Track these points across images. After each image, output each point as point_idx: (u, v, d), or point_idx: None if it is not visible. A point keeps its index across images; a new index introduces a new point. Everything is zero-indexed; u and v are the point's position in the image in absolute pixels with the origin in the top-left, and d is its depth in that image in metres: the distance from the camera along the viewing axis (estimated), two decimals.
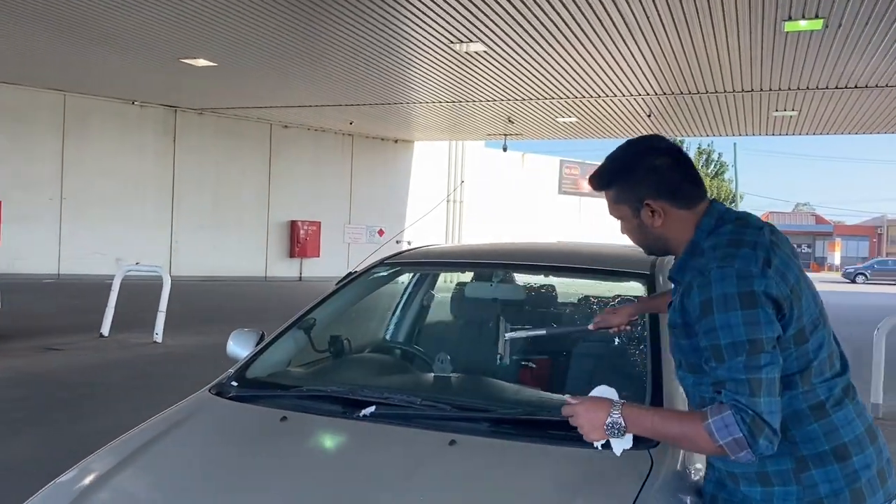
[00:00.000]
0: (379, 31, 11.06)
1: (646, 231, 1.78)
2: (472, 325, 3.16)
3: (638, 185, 1.75)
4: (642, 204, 1.75)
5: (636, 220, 1.78)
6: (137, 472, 1.96)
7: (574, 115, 17.32)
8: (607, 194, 1.83)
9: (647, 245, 1.85)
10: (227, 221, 19.83)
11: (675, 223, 1.74)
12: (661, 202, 1.73)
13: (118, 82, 16.05)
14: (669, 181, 1.74)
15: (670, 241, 1.77)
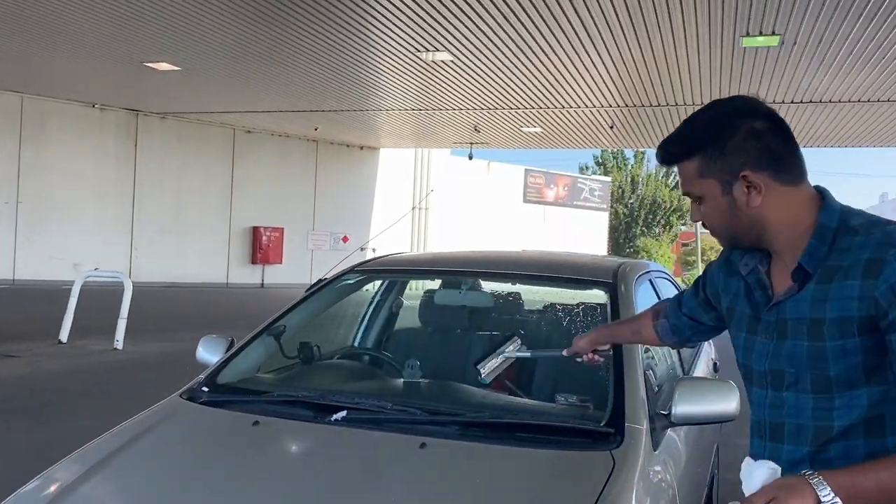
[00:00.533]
0: (345, 38, 11.08)
1: (737, 213, 1.42)
2: (440, 331, 3.22)
3: (734, 152, 1.39)
4: (737, 177, 1.39)
5: (727, 198, 1.41)
6: (107, 479, 1.97)
7: (539, 126, 17.52)
8: (685, 167, 1.47)
9: (734, 233, 1.46)
10: (188, 227, 19.59)
11: (778, 202, 1.39)
12: (762, 174, 1.38)
13: (78, 85, 15.77)
14: (773, 149, 1.40)
15: (769, 227, 1.41)
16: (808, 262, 1.37)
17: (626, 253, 35.94)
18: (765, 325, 1.45)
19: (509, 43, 10.91)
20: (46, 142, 17.27)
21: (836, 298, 1.33)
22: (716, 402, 2.23)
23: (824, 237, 1.37)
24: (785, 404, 1.41)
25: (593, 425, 2.11)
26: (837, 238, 1.36)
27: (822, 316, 1.34)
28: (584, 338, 2.11)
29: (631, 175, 37.61)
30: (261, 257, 20.71)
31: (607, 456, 1.94)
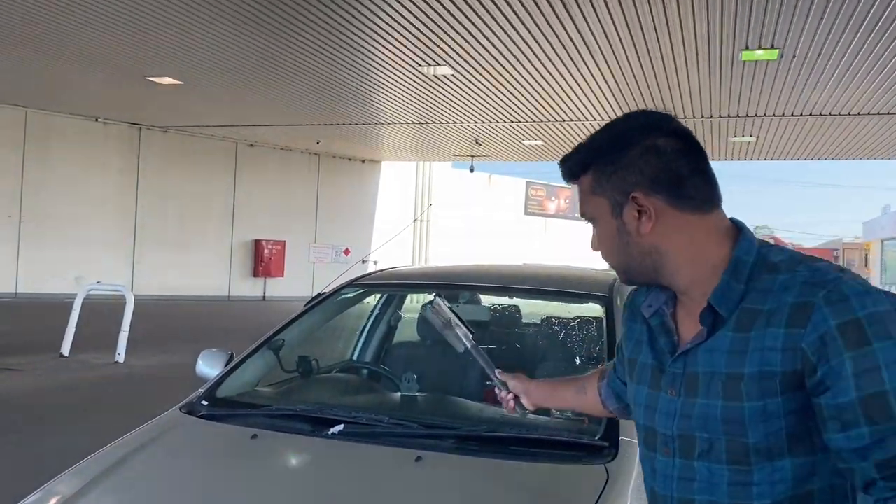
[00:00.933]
0: (346, 53, 11.16)
1: (627, 240, 1.22)
2: (438, 345, 3.23)
3: (627, 168, 1.20)
4: (627, 197, 1.20)
5: (616, 220, 1.22)
6: (106, 493, 1.99)
7: (540, 139, 17.60)
8: (581, 183, 1.28)
9: (626, 263, 1.26)
10: (190, 240, 19.64)
11: (677, 231, 1.19)
12: (655, 197, 1.19)
13: (81, 99, 15.87)
14: (676, 170, 1.19)
15: (666, 259, 1.20)
16: (720, 302, 1.15)
17: None
18: (670, 378, 1.22)
19: (510, 57, 10.99)
20: (50, 156, 17.35)
21: (757, 350, 1.12)
22: None
23: (739, 273, 1.16)
24: (697, 477, 1.19)
25: (588, 438, 2.12)
26: (755, 275, 1.15)
27: (740, 370, 1.13)
28: (525, 382, 1.68)
29: None
30: (262, 270, 20.75)
31: (601, 469, 1.95)
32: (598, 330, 2.66)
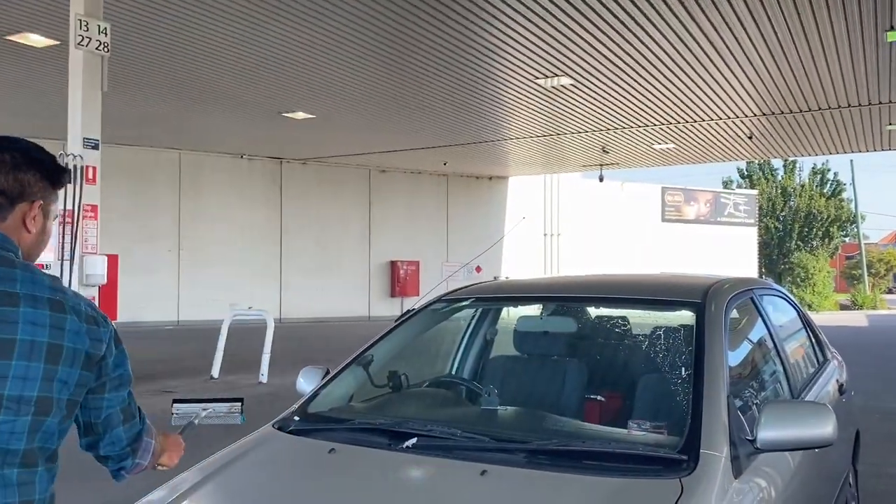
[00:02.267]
0: (465, 73, 11.34)
1: None
2: (536, 359, 3.19)
3: None
4: None
5: None
6: (201, 499, 2.13)
7: (671, 142, 16.98)
8: None
9: None
10: (331, 264, 20.58)
11: None
12: None
13: (227, 138, 17.15)
14: None
15: None
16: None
17: (779, 270, 33.78)
18: None
19: (631, 62, 10.72)
20: (202, 192, 18.83)
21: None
22: (806, 426, 2.08)
23: None
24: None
25: (665, 452, 2.03)
26: None
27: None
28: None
29: (781, 186, 35.40)
30: (399, 290, 21.35)
31: (676, 483, 1.86)
32: (686, 340, 2.53)
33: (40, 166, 1.54)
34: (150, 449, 1.70)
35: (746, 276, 3.49)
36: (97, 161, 8.47)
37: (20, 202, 1.51)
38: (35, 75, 11.37)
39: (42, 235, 1.58)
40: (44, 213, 1.57)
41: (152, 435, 1.71)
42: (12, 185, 1.50)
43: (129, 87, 11.79)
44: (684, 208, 27.72)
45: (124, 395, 1.60)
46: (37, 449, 1.42)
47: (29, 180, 1.52)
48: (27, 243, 1.54)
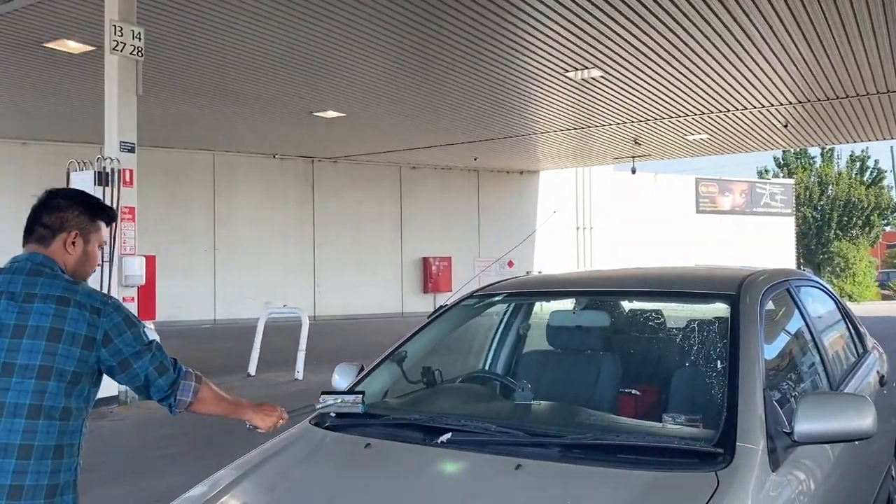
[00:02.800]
0: (494, 68, 11.31)
1: None
2: (569, 354, 3.19)
3: None
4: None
5: None
6: (240, 494, 2.18)
7: (704, 132, 16.75)
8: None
9: None
10: (364, 262, 20.71)
11: None
12: None
13: (259, 138, 17.34)
14: None
15: None
16: None
17: (818, 259, 33.15)
18: None
19: (661, 52, 10.59)
20: (235, 192, 19.08)
21: None
22: (845, 418, 2.06)
23: None
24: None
25: (701, 445, 2.02)
26: None
27: None
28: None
29: (819, 175, 34.70)
30: (432, 286, 21.40)
31: (712, 477, 1.85)
32: (721, 333, 2.51)
33: (80, 205, 2.16)
34: (189, 389, 2.16)
35: (782, 267, 3.44)
36: (133, 164, 8.64)
37: (60, 233, 2.10)
38: (72, 81, 11.62)
39: (84, 256, 2.15)
40: (84, 240, 2.14)
41: (191, 378, 2.18)
42: (54, 222, 2.11)
43: (163, 90, 11.98)
44: (719, 199, 27.32)
45: (147, 361, 2.08)
46: (41, 406, 1.91)
47: (68, 217, 2.12)
48: (70, 263, 2.12)
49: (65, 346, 1.94)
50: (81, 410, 2.01)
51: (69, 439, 1.95)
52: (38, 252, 2.08)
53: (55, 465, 1.90)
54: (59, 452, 1.92)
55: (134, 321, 2.07)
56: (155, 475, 5.53)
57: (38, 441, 1.88)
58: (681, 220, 25.95)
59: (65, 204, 2.14)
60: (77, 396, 1.98)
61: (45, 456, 1.88)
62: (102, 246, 2.25)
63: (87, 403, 2.04)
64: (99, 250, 2.23)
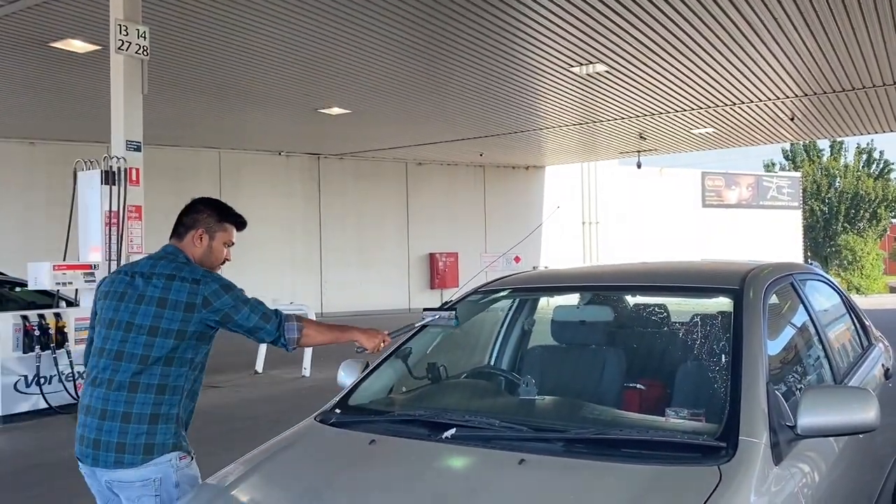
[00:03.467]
0: (499, 63, 11.30)
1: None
2: (574, 349, 3.20)
3: None
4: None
5: None
6: (245, 491, 2.20)
7: (710, 126, 16.70)
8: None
9: None
10: (370, 258, 20.75)
11: None
12: None
13: (265, 136, 17.37)
14: None
15: None
16: None
17: (826, 253, 33.02)
18: None
19: (667, 46, 10.56)
20: (242, 189, 19.10)
21: None
22: (848, 411, 2.06)
23: None
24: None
25: (703, 439, 2.03)
26: None
27: None
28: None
29: (826, 168, 34.54)
30: (438, 282, 21.42)
31: (715, 470, 1.86)
32: (724, 327, 2.51)
33: (211, 209, 2.78)
34: (294, 328, 2.62)
35: (786, 260, 3.44)
36: (140, 163, 8.66)
37: (191, 230, 2.72)
38: (79, 81, 11.66)
39: (207, 251, 2.74)
40: (210, 237, 2.74)
41: (293, 320, 2.65)
42: (189, 221, 2.73)
43: (169, 89, 12.02)
44: (725, 193, 27.25)
45: (247, 313, 2.58)
46: (149, 355, 2.47)
47: (199, 218, 2.74)
48: (196, 255, 2.71)
49: (169, 310, 2.49)
50: (184, 361, 2.52)
51: (172, 381, 2.49)
52: (172, 244, 2.70)
53: (157, 399, 2.46)
54: (162, 390, 2.47)
55: (231, 286, 2.62)
56: None
57: (144, 380, 2.45)
58: (687, 214, 25.91)
59: (200, 207, 2.75)
60: (180, 349, 2.49)
61: (149, 391, 2.45)
62: (228, 245, 2.79)
63: (193, 356, 2.54)
64: (225, 248, 2.78)
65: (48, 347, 7.70)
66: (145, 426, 2.42)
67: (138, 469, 2.40)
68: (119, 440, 2.40)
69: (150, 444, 2.42)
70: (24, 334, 7.59)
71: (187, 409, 2.60)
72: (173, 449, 2.46)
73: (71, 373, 7.90)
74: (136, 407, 2.42)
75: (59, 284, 8.05)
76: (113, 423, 2.41)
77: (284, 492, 2.14)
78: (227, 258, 2.82)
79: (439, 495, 1.94)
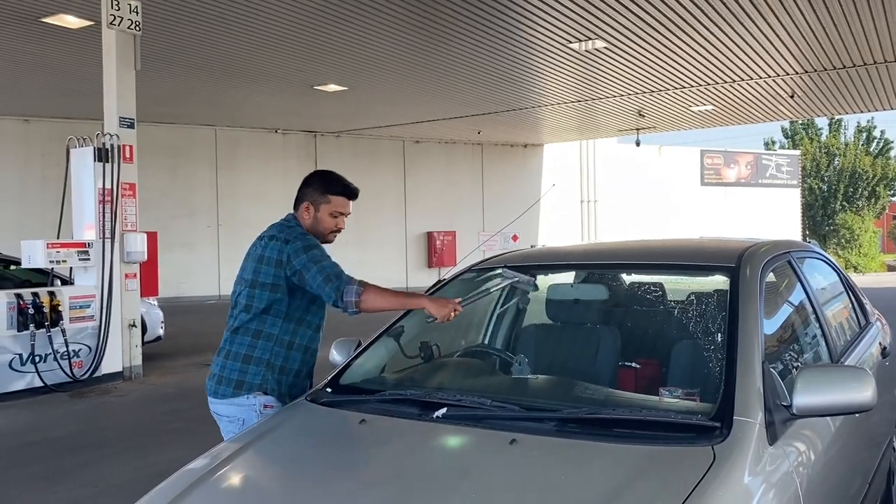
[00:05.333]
0: (497, 40, 11.18)
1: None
2: (568, 328, 3.17)
3: None
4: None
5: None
6: (237, 468, 2.18)
7: (709, 103, 16.59)
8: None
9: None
10: (367, 236, 20.67)
11: None
12: None
13: (261, 114, 17.22)
14: None
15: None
16: None
17: (824, 231, 33.01)
18: None
19: (666, 22, 10.45)
20: (237, 168, 19.01)
21: None
22: (844, 390, 2.04)
23: None
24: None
25: (698, 419, 2.00)
26: None
27: None
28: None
29: (825, 146, 34.41)
30: (436, 260, 21.39)
31: (708, 450, 1.83)
32: (720, 306, 2.48)
33: (318, 183, 3.01)
34: (353, 291, 2.76)
35: (783, 238, 3.40)
36: (133, 140, 8.59)
37: (301, 203, 2.99)
38: (72, 57, 11.53)
39: (314, 222, 2.98)
40: (315, 209, 2.98)
41: (354, 283, 2.79)
42: (300, 195, 3.00)
43: (163, 65, 11.89)
44: (724, 171, 27.16)
45: (315, 272, 2.78)
46: (252, 305, 2.84)
47: (307, 192, 3.00)
48: (306, 225, 2.97)
49: (264, 266, 2.81)
50: (279, 312, 2.83)
51: (268, 329, 2.82)
52: (292, 213, 3.01)
53: (252, 342, 2.82)
54: (257, 335, 2.82)
55: (311, 247, 2.84)
56: (159, 450, 5.57)
57: (246, 325, 2.83)
58: (685, 192, 25.84)
59: (308, 180, 3.02)
60: (276, 302, 2.81)
61: (246, 334, 2.83)
62: (336, 215, 3.00)
63: (286, 309, 2.83)
64: (332, 217, 2.99)
65: (42, 326, 7.67)
66: (238, 364, 2.80)
67: (229, 403, 2.77)
68: (220, 373, 2.83)
69: (240, 381, 2.78)
70: (18, 312, 7.56)
71: (288, 359, 2.84)
72: (258, 389, 2.76)
73: (66, 351, 7.88)
74: (235, 346, 2.83)
75: (52, 262, 8.00)
76: (220, 358, 2.86)
77: (274, 471, 2.12)
78: (339, 227, 3.04)
79: (429, 474, 1.91)
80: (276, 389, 2.78)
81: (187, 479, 2.09)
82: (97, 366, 8.20)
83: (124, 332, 8.49)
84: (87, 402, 7.50)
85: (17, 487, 4.88)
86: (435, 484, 1.87)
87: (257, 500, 1.97)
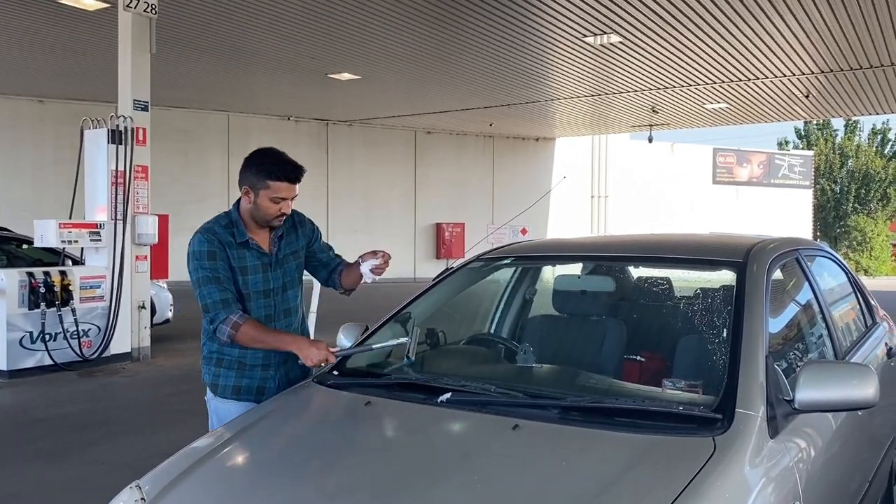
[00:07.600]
0: (512, 32, 11.16)
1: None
2: (575, 319, 3.18)
3: None
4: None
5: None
6: (242, 447, 2.21)
7: (723, 101, 16.51)
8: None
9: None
10: (377, 226, 20.74)
11: None
12: None
13: (274, 100, 17.26)
14: None
15: None
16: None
17: (835, 233, 32.83)
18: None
19: (682, 18, 10.39)
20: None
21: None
22: (847, 387, 2.05)
23: None
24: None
25: (699, 410, 2.02)
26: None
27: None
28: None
29: (839, 147, 34.16)
30: (444, 252, 21.42)
31: (709, 441, 1.85)
32: (726, 301, 2.49)
33: (255, 167, 2.72)
34: (225, 333, 2.68)
35: (792, 236, 3.40)
36: (147, 122, 8.63)
37: (241, 186, 2.73)
38: (88, 39, 11.58)
39: (254, 208, 2.71)
40: (255, 195, 2.69)
41: (231, 327, 2.68)
42: (240, 177, 2.74)
43: (178, 50, 11.92)
44: (736, 170, 27.03)
45: (197, 294, 2.69)
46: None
47: (245, 175, 2.73)
48: (246, 210, 2.74)
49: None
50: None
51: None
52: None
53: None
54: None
55: (193, 257, 2.75)
56: (165, 430, 5.63)
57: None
58: (697, 190, 25.74)
59: (248, 161, 2.75)
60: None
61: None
62: (277, 200, 2.68)
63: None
64: (275, 203, 2.67)
65: (53, 305, 7.74)
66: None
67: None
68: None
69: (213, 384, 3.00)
70: (29, 291, 7.63)
71: (210, 350, 2.90)
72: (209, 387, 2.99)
73: (76, 331, 7.96)
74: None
75: (64, 242, 8.07)
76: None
77: (279, 450, 2.15)
78: (283, 212, 2.71)
79: (432, 457, 1.94)
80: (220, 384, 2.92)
81: (193, 456, 2.13)
82: (106, 346, 8.27)
83: (133, 313, 8.57)
84: (95, 382, 7.57)
85: (25, 463, 4.95)
86: (437, 464, 1.89)
87: (261, 478, 2.00)
